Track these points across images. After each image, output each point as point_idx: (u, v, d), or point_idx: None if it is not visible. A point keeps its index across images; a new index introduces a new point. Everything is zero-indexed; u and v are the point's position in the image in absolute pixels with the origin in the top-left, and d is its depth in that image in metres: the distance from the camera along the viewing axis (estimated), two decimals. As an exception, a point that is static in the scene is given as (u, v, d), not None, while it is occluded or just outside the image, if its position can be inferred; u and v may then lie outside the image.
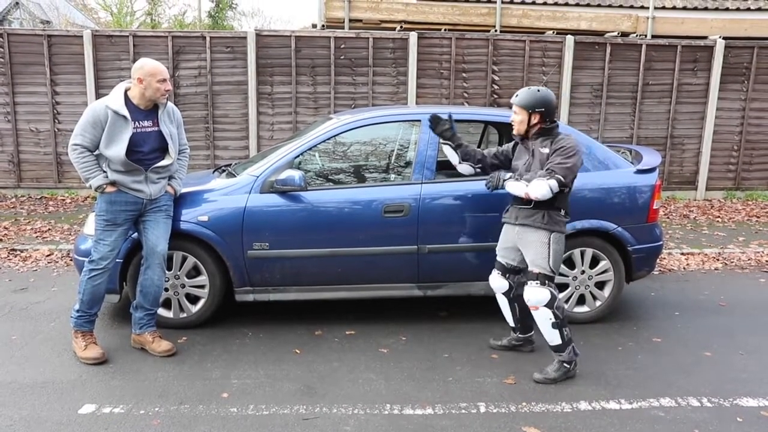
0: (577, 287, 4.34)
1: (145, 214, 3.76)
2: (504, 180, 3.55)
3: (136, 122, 3.59)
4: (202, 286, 4.12)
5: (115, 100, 3.57)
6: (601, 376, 3.61)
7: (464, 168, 3.89)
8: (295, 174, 3.97)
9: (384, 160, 5.09)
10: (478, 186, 4.28)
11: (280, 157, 4.17)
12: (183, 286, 4.11)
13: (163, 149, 3.72)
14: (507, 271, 3.72)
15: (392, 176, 4.86)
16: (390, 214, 4.07)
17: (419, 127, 4.31)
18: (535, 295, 3.46)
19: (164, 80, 3.61)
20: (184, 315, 4.16)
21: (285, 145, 4.37)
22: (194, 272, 4.11)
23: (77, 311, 3.72)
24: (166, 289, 4.05)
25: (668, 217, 7.85)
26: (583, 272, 4.32)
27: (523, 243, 3.57)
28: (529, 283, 3.51)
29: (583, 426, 3.08)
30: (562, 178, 3.32)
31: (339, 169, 4.91)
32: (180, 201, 4.01)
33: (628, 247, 4.30)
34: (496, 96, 8.73)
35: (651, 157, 4.58)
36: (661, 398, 3.36)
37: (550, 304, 3.44)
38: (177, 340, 3.96)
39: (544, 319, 3.47)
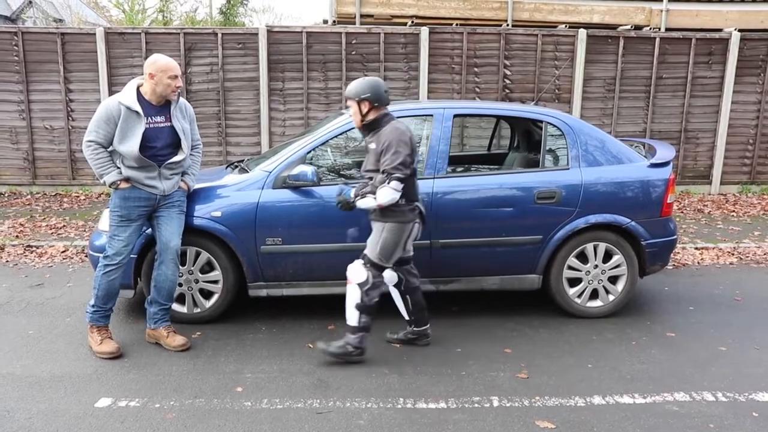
0: (591, 282, 4.32)
1: (159, 209, 3.78)
2: (353, 200, 3.56)
3: (149, 118, 3.61)
4: (215, 282, 4.14)
5: (127, 95, 3.59)
6: (615, 370, 3.60)
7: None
8: (308, 169, 3.98)
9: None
10: (491, 180, 4.29)
11: (293, 153, 4.18)
12: (197, 281, 4.14)
13: (176, 145, 3.75)
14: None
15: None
16: (402, 209, 4.06)
17: (431, 122, 4.30)
18: (353, 271, 3.57)
19: (175, 77, 3.62)
20: (198, 310, 4.19)
21: (297, 141, 4.38)
22: (208, 267, 4.14)
23: (93, 306, 3.76)
24: (180, 285, 4.08)
25: (682, 212, 7.78)
26: (596, 267, 4.30)
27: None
28: (356, 260, 3.60)
29: (596, 420, 3.07)
30: (400, 175, 3.40)
31: (351, 165, 4.92)
32: (193, 197, 4.03)
33: (642, 242, 4.27)
34: (508, 90, 8.69)
35: (665, 151, 4.54)
36: (676, 393, 3.34)
37: (362, 285, 3.52)
38: (191, 334, 3.99)
39: (351, 296, 3.57)
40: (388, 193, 3.40)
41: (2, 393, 3.29)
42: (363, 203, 3.54)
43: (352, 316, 3.58)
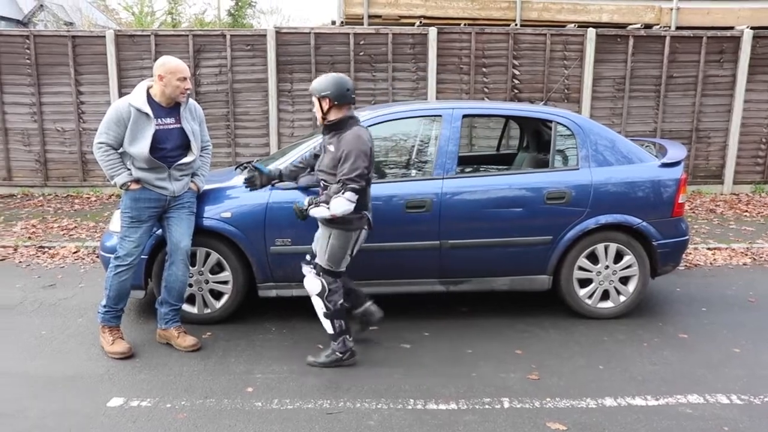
0: (601, 282, 4.29)
1: (169, 210, 3.80)
2: (306, 209, 3.49)
3: (159, 119, 3.63)
4: (225, 282, 4.16)
5: (137, 97, 3.61)
6: (626, 371, 3.57)
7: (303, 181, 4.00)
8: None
9: (405, 156, 5.07)
10: (500, 181, 4.28)
11: (301, 154, 4.18)
12: (207, 281, 4.15)
13: (185, 146, 3.76)
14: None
15: (413, 172, 4.84)
16: (412, 209, 4.06)
17: (440, 122, 4.30)
18: (309, 283, 3.61)
19: (184, 78, 3.64)
20: (208, 310, 4.21)
21: (306, 142, 4.39)
22: (218, 268, 4.15)
23: (104, 307, 3.79)
24: (190, 285, 4.09)
25: (694, 212, 7.73)
26: (607, 267, 4.27)
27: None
28: (309, 271, 3.63)
29: (608, 422, 3.05)
30: (356, 186, 3.35)
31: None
32: (203, 198, 4.05)
33: (653, 242, 4.24)
34: (516, 90, 8.66)
35: (676, 151, 4.51)
36: (689, 395, 3.31)
37: (321, 294, 3.56)
38: (201, 335, 4.01)
39: (318, 307, 3.60)
40: (342, 203, 3.35)
41: (16, 392, 3.32)
42: (316, 212, 3.45)
43: (327, 325, 3.60)
